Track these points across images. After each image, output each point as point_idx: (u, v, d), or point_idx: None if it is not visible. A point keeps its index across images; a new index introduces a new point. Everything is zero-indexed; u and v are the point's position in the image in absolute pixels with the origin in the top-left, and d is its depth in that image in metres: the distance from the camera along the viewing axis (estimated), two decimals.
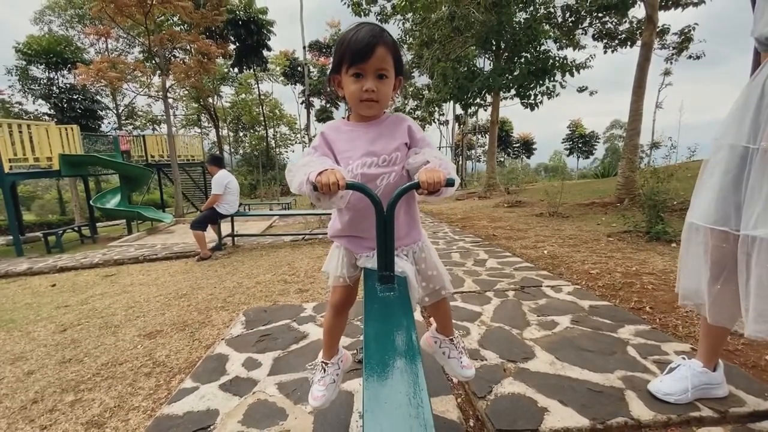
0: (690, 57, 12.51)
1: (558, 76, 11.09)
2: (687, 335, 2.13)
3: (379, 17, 12.82)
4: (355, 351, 1.98)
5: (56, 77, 17.78)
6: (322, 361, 1.35)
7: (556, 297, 2.69)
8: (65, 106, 17.59)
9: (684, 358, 1.55)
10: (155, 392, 2.05)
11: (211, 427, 1.48)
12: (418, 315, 2.42)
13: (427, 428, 0.56)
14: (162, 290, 4.13)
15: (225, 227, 6.37)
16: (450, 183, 0.94)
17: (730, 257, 1.22)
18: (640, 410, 1.42)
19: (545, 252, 4.30)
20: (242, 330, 2.47)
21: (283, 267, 4.63)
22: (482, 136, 31.77)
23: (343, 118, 1.20)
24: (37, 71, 17.71)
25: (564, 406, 1.47)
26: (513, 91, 12.04)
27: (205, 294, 3.82)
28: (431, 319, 1.43)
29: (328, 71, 1.12)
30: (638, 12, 10.83)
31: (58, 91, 17.74)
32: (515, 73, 11.26)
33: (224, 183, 5.52)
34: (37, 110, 19.37)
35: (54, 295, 4.42)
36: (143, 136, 12.97)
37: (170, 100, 15.68)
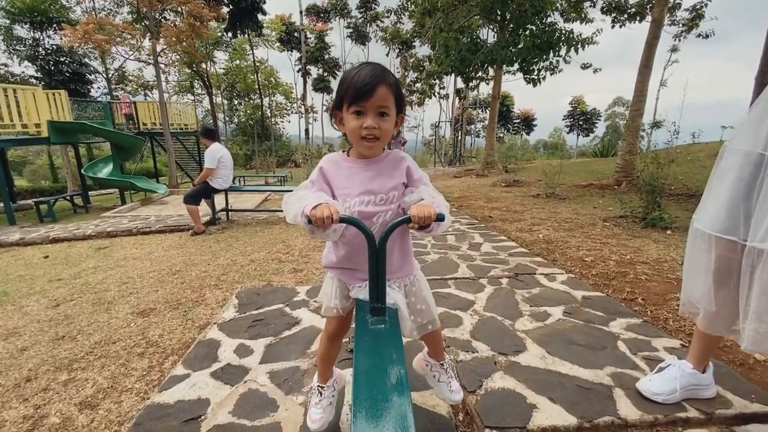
0: (699, 35, 12.14)
1: (563, 51, 10.74)
2: (677, 329, 2.15)
3: None
4: (348, 339, 1.98)
5: (42, 38, 17.02)
6: (318, 386, 1.40)
7: (549, 286, 2.69)
8: (52, 68, 16.93)
9: (674, 358, 1.56)
10: (148, 374, 2.06)
11: (202, 417, 1.49)
12: None
13: None
14: (155, 265, 4.11)
15: (219, 201, 6.29)
16: (440, 218, 0.97)
17: (735, 267, 1.19)
18: (627, 409, 1.44)
19: (540, 236, 4.30)
20: (235, 313, 2.46)
21: (277, 245, 4.61)
22: (483, 111, 31.21)
23: (343, 151, 1.20)
24: (22, 31, 16.93)
25: (553, 403, 1.49)
26: (516, 66, 11.69)
27: (199, 271, 3.81)
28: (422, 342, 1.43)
29: (331, 107, 1.15)
30: None
31: (44, 52, 17.02)
32: (519, 46, 10.87)
33: (217, 157, 5.40)
34: (23, 72, 18.66)
35: (47, 267, 4.39)
36: (134, 102, 12.57)
37: (162, 66, 15.11)
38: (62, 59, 17.10)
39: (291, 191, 1.12)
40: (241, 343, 2.06)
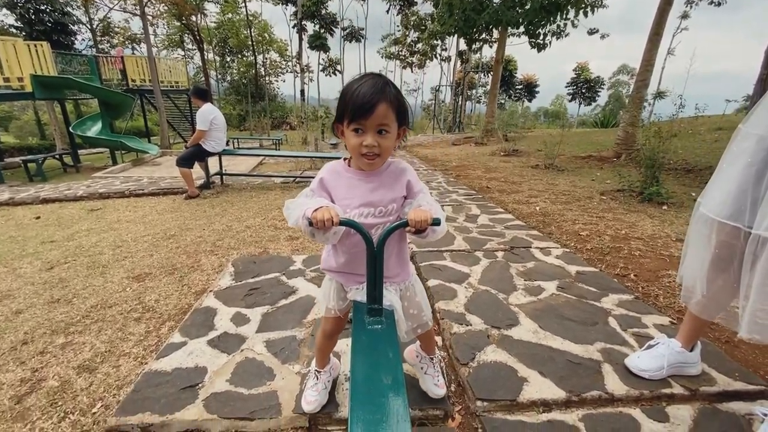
0: (711, 2, 11.63)
1: (571, 14, 10.28)
2: (667, 306, 2.19)
3: None
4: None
5: None
6: (316, 370, 1.44)
7: (544, 260, 2.71)
8: (33, 17, 15.99)
9: (664, 336, 1.59)
10: (145, 339, 2.08)
11: (200, 384, 1.51)
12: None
13: None
14: (150, 229, 4.08)
15: (213, 165, 6.17)
16: (436, 222, 1.00)
17: (737, 255, 1.18)
18: (614, 384, 1.49)
19: (537, 209, 4.29)
20: (231, 282, 2.47)
21: (273, 211, 4.57)
22: (485, 76, 30.30)
23: (345, 159, 1.19)
24: None
25: (543, 377, 1.53)
26: (522, 28, 11.21)
27: (194, 236, 3.78)
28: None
29: (334, 118, 1.12)
30: None
31: None
32: (526, 7, 10.38)
33: (209, 118, 5.22)
34: (2, 21, 17.61)
35: (39, 228, 4.34)
36: (122, 57, 11.99)
37: (149, 17, 14.29)
38: (43, 7, 16.11)
39: (292, 200, 1.13)
40: (237, 311, 2.07)
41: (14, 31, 16.42)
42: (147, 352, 1.95)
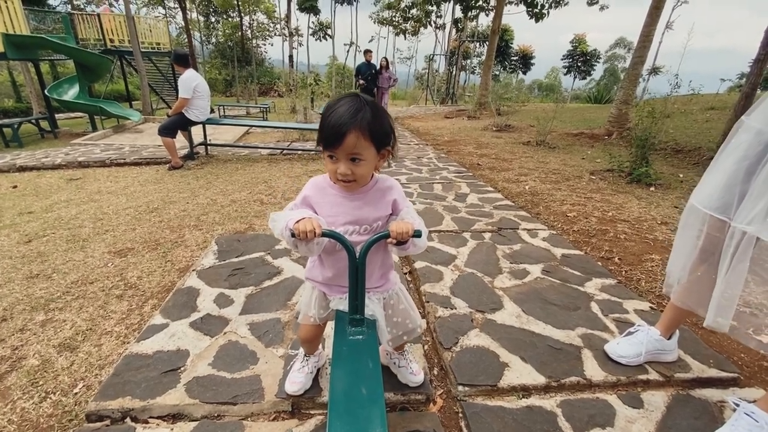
0: None
1: None
2: (648, 291, 2.24)
3: None
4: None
5: None
6: (305, 355, 1.44)
7: (531, 242, 2.72)
8: None
9: (644, 324, 1.62)
10: (128, 317, 2.06)
11: (181, 368, 1.50)
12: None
13: None
14: (132, 201, 3.97)
15: (197, 134, 5.97)
16: (417, 235, 1.00)
17: (719, 247, 1.18)
18: (593, 370, 1.52)
19: (527, 188, 4.28)
20: (214, 260, 2.42)
21: (259, 185, 4.48)
22: (480, 45, 29.46)
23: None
24: None
25: (524, 362, 1.55)
26: None
27: (178, 210, 3.70)
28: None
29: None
30: None
31: None
32: None
33: (192, 86, 5.00)
34: None
35: (16, 198, 4.19)
36: (98, 15, 11.26)
37: None
38: None
39: (277, 213, 1.11)
40: (221, 292, 2.04)
41: None
42: (129, 331, 1.93)
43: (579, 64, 36.08)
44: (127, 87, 13.76)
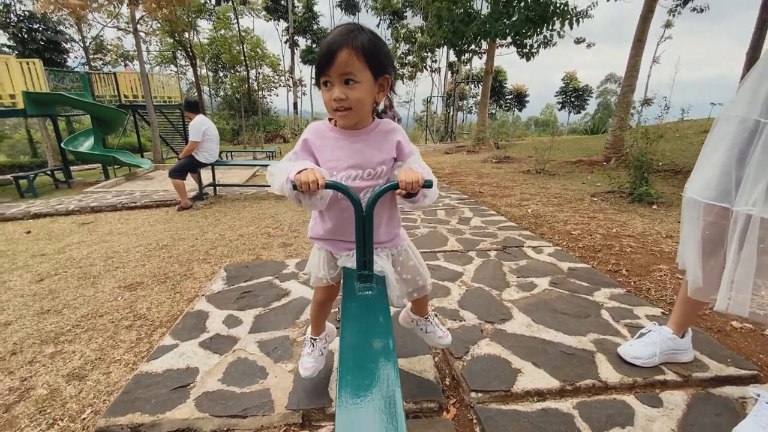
0: (694, 9, 12.00)
1: (557, 25, 10.53)
2: (659, 299, 2.21)
3: None
4: (336, 309, 1.99)
5: (13, 3, 16.05)
6: (311, 338, 1.44)
7: (536, 258, 2.73)
8: (25, 36, 16.09)
9: (655, 324, 1.60)
10: (137, 345, 2.06)
11: (191, 384, 1.49)
12: None
13: (398, 423, 0.55)
14: (142, 240, 4.05)
15: (206, 176, 6.17)
16: (428, 185, 0.95)
17: (726, 234, 1.20)
18: (608, 373, 1.49)
19: (529, 211, 4.33)
20: (223, 286, 2.45)
21: (266, 219, 4.56)
22: (475, 86, 30.76)
23: (330, 119, 1.11)
24: None
25: (537, 367, 1.53)
26: (509, 39, 11.46)
27: (187, 245, 3.76)
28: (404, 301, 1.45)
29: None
30: None
31: (16, 19, 16.11)
32: (513, 19, 10.62)
33: (202, 129, 5.25)
34: None
35: (29, 242, 4.29)
36: (114, 73, 12.05)
37: (142, 34, 14.42)
38: (36, 26, 16.23)
39: (275, 165, 1.07)
40: (229, 314, 2.05)
41: (7, 50, 16.48)
42: (138, 358, 1.92)
43: (572, 99, 37.32)
44: (139, 139, 14.39)
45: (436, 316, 1.58)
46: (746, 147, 1.14)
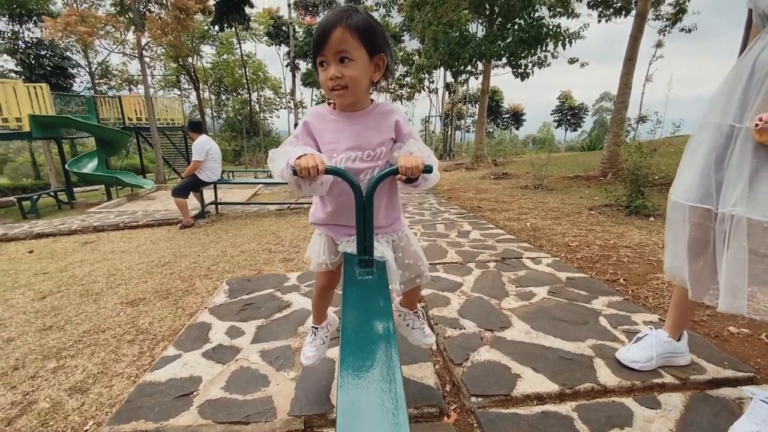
0: (682, 30, 12.39)
1: (550, 46, 10.86)
2: (656, 306, 2.23)
3: None
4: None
5: (21, 30, 16.58)
6: (313, 326, 1.46)
7: (535, 269, 2.76)
8: (33, 62, 16.53)
9: (651, 328, 1.62)
10: (139, 359, 2.07)
11: (194, 393, 1.50)
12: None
13: (398, 402, 0.58)
14: (144, 258, 4.08)
15: (208, 195, 6.25)
16: (428, 170, 0.95)
17: (711, 235, 1.24)
18: (606, 377, 1.50)
19: (528, 224, 4.37)
20: (225, 299, 2.48)
21: (267, 236, 4.61)
22: (472, 106, 31.33)
23: (329, 103, 1.14)
24: (0, 23, 16.47)
25: (536, 372, 1.54)
26: (504, 60, 11.79)
27: (189, 262, 3.79)
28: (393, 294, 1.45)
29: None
30: None
31: (24, 45, 16.60)
32: (508, 41, 10.96)
33: (205, 149, 5.36)
34: (2, 66, 18.19)
35: (31, 262, 4.32)
36: (119, 97, 12.34)
37: (147, 59, 14.84)
38: (43, 53, 16.71)
39: (275, 150, 1.09)
40: (232, 325, 2.08)
41: (14, 75, 16.91)
42: (140, 371, 1.93)
43: (569, 117, 37.93)
44: (142, 160, 14.59)
45: (424, 313, 1.57)
46: (723, 151, 1.21)
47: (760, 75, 1.11)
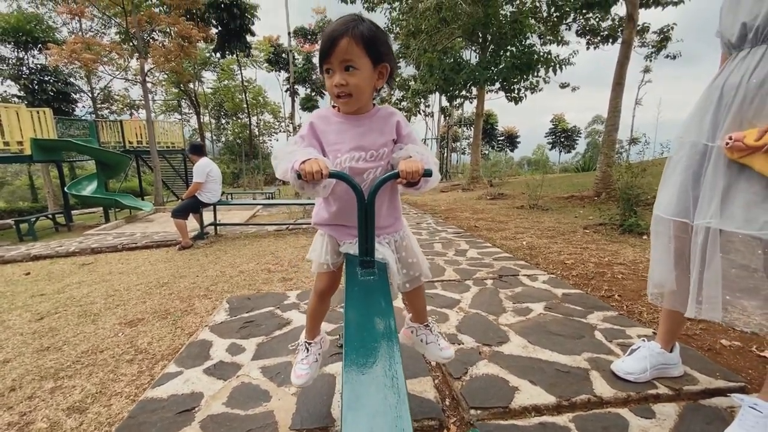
0: (667, 56, 12.88)
1: (542, 72, 11.25)
2: (651, 321, 2.27)
3: (366, 5, 12.67)
4: (338, 336, 2.04)
5: (26, 57, 17.00)
6: (306, 342, 1.42)
7: (531, 285, 2.80)
8: (36, 87, 16.86)
9: (644, 341, 1.66)
10: (138, 378, 2.06)
11: (196, 408, 1.51)
12: (399, 302, 2.49)
13: (400, 396, 0.62)
14: (142, 279, 4.09)
15: (207, 216, 6.30)
16: (428, 174, 0.99)
17: (688, 247, 1.31)
18: (602, 388, 1.53)
19: (524, 243, 4.44)
20: (226, 317, 2.49)
21: (266, 256, 4.63)
22: (467, 129, 31.98)
23: (333, 107, 1.17)
24: (5, 50, 16.89)
25: (533, 385, 1.57)
26: (498, 85, 12.18)
27: (188, 282, 3.80)
28: (404, 313, 1.48)
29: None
30: (620, 9, 11.05)
31: (28, 71, 16.98)
32: (500, 67, 11.35)
33: (206, 171, 5.45)
34: (5, 92, 18.53)
35: (29, 283, 4.31)
36: (120, 121, 12.56)
37: (149, 85, 15.18)
38: (47, 78, 17.06)
39: (280, 148, 1.12)
40: (232, 342, 2.09)
41: (16, 100, 17.20)
42: (140, 390, 1.93)
43: (562, 139, 38.72)
44: (141, 183, 14.69)
45: (437, 325, 1.53)
46: (699, 168, 1.29)
47: (728, 98, 1.20)
